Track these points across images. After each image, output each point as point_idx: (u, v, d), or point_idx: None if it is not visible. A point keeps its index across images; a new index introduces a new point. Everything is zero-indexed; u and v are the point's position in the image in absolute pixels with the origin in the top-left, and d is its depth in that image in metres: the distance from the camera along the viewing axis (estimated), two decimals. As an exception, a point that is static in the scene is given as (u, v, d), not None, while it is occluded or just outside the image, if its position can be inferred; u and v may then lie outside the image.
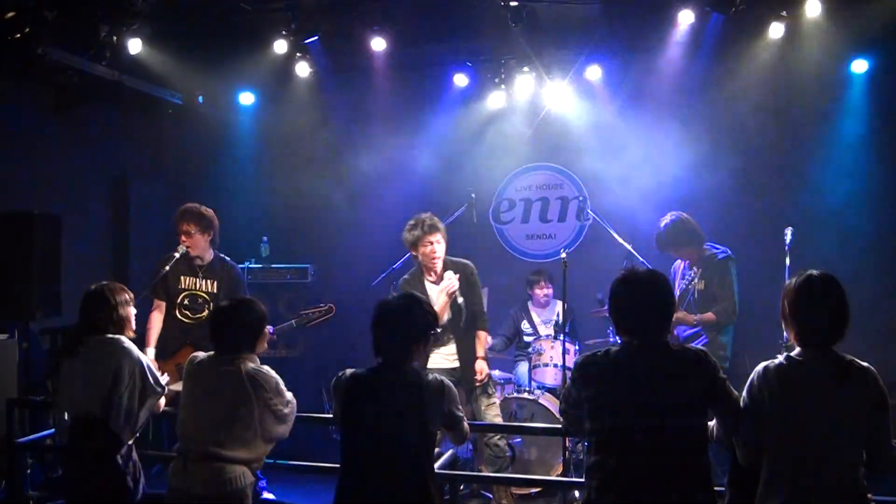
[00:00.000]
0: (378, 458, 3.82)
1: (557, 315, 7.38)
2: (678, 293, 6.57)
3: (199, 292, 6.50)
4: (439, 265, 6.39)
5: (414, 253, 6.39)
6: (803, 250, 6.22)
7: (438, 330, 4.38)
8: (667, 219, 6.65)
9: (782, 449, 3.40)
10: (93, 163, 8.46)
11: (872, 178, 7.77)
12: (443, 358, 6.41)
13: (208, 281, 6.53)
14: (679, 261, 6.86)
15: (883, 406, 3.40)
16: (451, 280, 6.29)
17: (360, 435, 3.88)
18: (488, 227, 9.36)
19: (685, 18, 7.54)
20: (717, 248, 6.64)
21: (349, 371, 4.01)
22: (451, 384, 4.00)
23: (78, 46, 7.43)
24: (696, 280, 6.54)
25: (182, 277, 6.49)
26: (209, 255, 6.54)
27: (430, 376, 3.96)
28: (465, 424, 4.13)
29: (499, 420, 6.55)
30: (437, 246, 6.34)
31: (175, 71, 8.25)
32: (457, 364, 6.43)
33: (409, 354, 3.95)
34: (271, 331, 6.23)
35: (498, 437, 6.52)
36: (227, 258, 6.67)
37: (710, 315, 6.47)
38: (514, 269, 8.87)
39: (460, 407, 4.07)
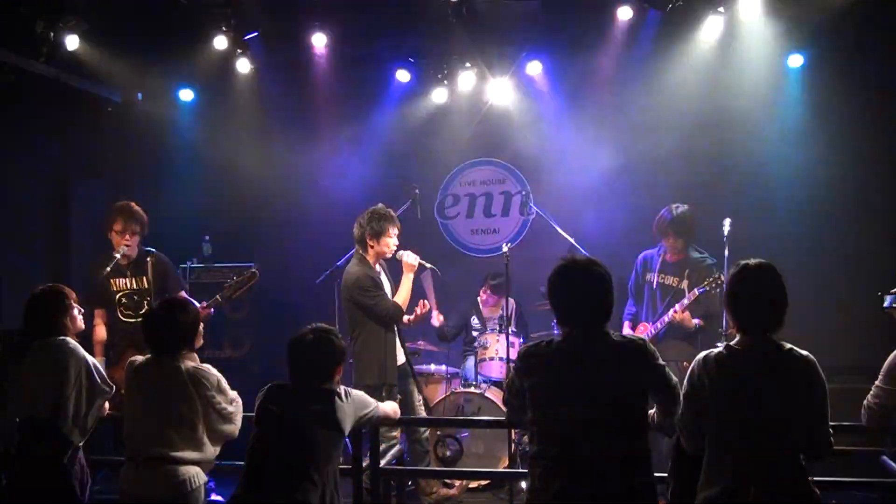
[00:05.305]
0: (279, 459, 3.98)
1: (502, 310, 7.44)
2: (654, 284, 6.77)
3: (132, 290, 6.43)
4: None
5: (371, 244, 6.21)
6: (742, 241, 6.34)
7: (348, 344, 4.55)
8: (683, 206, 6.77)
9: (722, 436, 3.46)
10: (31, 162, 8.26)
11: (808, 169, 7.93)
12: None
13: (136, 278, 6.47)
14: (649, 252, 6.99)
15: (821, 393, 3.46)
16: (408, 254, 6.31)
17: (268, 435, 4.06)
18: (433, 223, 9.35)
19: (624, 14, 7.69)
20: (704, 254, 6.77)
21: (274, 382, 4.24)
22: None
23: (13, 43, 7.27)
24: (683, 281, 6.63)
25: (112, 281, 6.42)
26: (135, 252, 6.48)
27: (341, 386, 4.18)
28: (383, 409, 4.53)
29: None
30: (396, 238, 6.31)
31: (114, 68, 8.08)
32: (403, 359, 6.38)
33: (332, 382, 4.19)
34: (205, 305, 6.10)
35: (425, 434, 6.57)
36: (151, 248, 6.61)
37: (699, 321, 6.59)
38: (459, 264, 8.83)
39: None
